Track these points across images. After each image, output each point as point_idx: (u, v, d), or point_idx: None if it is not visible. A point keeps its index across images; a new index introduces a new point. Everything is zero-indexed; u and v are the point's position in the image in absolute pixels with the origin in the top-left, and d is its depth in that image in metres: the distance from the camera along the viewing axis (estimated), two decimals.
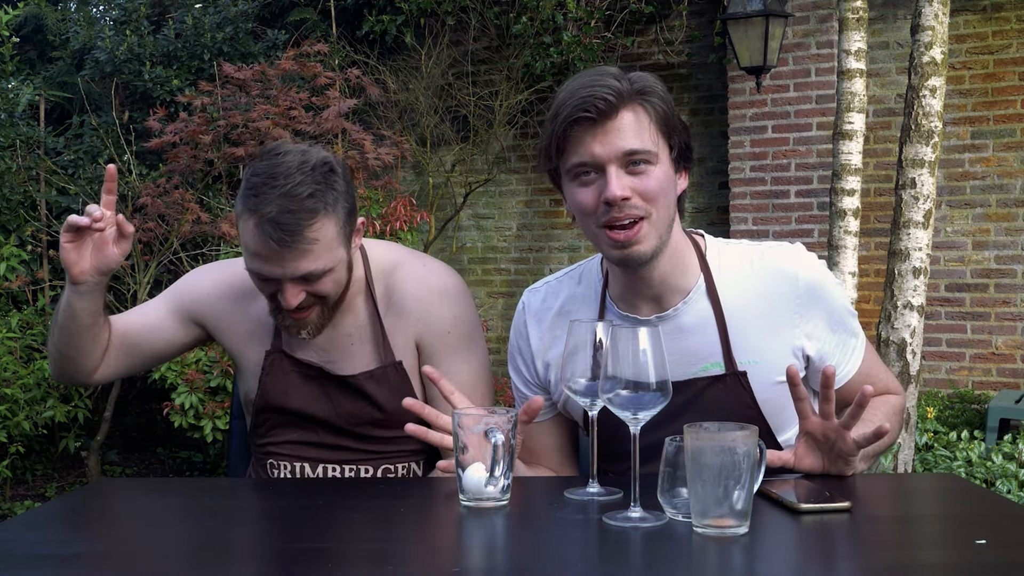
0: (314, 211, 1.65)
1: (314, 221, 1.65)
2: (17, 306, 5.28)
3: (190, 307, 1.91)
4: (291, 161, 1.67)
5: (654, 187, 1.52)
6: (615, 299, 1.67)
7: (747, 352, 1.60)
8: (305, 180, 1.65)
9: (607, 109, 1.48)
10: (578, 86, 1.52)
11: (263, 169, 1.67)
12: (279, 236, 1.63)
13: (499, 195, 6.78)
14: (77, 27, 6.34)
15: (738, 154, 5.82)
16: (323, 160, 1.70)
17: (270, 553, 1.29)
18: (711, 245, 1.68)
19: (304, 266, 1.67)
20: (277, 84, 4.89)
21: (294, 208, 1.63)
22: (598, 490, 1.45)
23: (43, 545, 1.30)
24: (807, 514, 1.34)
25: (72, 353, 1.83)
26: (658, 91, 1.54)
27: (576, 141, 1.51)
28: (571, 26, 5.81)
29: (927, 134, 3.64)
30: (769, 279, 1.62)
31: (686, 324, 1.62)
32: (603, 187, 1.50)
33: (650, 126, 1.52)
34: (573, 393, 1.43)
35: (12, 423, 4.51)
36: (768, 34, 5.23)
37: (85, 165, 5.64)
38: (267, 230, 1.63)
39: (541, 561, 1.23)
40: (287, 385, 1.86)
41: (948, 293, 5.33)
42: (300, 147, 1.73)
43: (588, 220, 1.55)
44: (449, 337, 1.85)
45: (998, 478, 3.78)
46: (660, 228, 1.54)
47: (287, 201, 1.63)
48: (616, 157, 1.50)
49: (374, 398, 1.84)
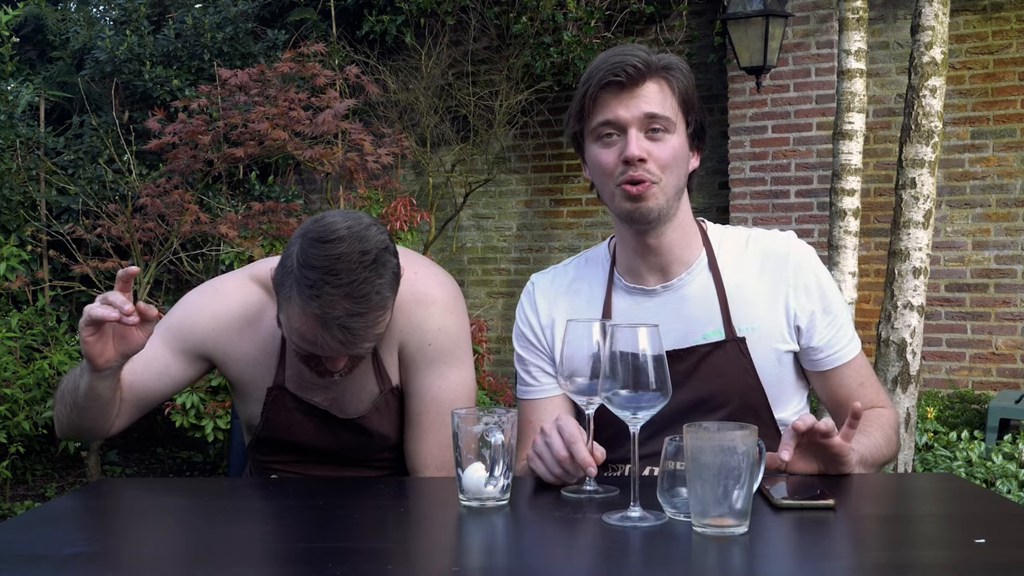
0: (383, 308, 1.57)
1: (382, 320, 1.59)
2: (17, 306, 5.28)
3: (193, 344, 1.82)
4: (350, 252, 1.54)
5: (668, 155, 1.63)
6: (622, 273, 1.76)
7: (745, 319, 1.69)
8: (370, 277, 1.54)
9: (636, 75, 1.60)
10: (610, 54, 1.63)
11: (320, 262, 1.53)
12: (348, 339, 1.56)
13: (499, 195, 6.78)
14: (77, 27, 6.35)
15: (738, 154, 5.82)
16: (381, 246, 1.58)
17: (270, 553, 1.29)
18: (712, 227, 1.80)
19: (365, 350, 1.62)
20: (276, 84, 4.89)
21: (363, 311, 1.54)
22: (595, 487, 1.47)
23: (43, 545, 1.29)
24: (785, 510, 1.35)
25: (88, 425, 1.76)
26: (683, 69, 1.66)
27: (603, 104, 1.62)
28: (571, 26, 5.81)
29: (927, 134, 3.64)
30: (764, 255, 1.73)
31: (689, 294, 1.72)
32: (623, 148, 1.61)
33: (672, 98, 1.64)
34: (571, 392, 1.46)
35: (12, 423, 4.51)
36: (768, 34, 5.23)
37: (85, 165, 5.65)
38: (335, 334, 1.55)
39: (541, 561, 1.23)
40: (291, 422, 1.82)
41: (948, 293, 5.33)
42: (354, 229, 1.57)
43: (607, 179, 1.65)
44: (429, 349, 1.77)
45: (998, 478, 3.78)
46: (668, 193, 1.64)
47: (355, 305, 1.53)
48: (638, 120, 1.61)
49: (379, 432, 1.82)
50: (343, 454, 1.86)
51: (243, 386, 1.85)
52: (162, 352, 1.80)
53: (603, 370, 1.34)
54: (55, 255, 5.32)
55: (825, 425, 1.48)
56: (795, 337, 1.71)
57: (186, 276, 5.14)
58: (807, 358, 1.73)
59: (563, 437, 1.48)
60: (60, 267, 5.48)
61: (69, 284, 5.38)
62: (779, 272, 1.71)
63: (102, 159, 5.52)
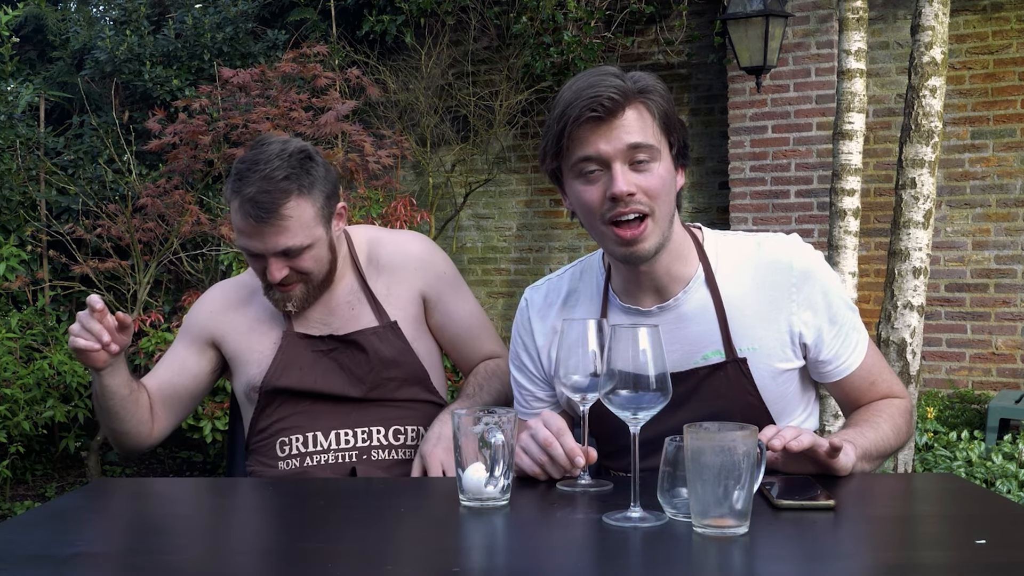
0: (288, 191, 1.83)
1: (288, 200, 1.83)
2: (17, 306, 5.28)
3: (198, 332, 2.04)
4: (272, 149, 1.86)
5: (657, 184, 1.55)
6: (617, 292, 1.70)
7: (746, 339, 1.64)
8: (282, 165, 1.83)
9: (613, 107, 1.52)
10: (583, 86, 1.54)
11: (248, 157, 1.87)
12: (256, 213, 1.81)
13: (499, 195, 6.78)
14: (77, 27, 6.35)
15: (738, 154, 5.82)
16: (300, 148, 1.89)
17: (270, 553, 1.29)
18: (708, 237, 1.71)
19: (283, 241, 1.84)
20: (277, 85, 4.89)
21: (270, 188, 1.81)
22: (588, 482, 1.49)
23: (43, 545, 1.29)
24: (785, 510, 1.35)
25: (125, 427, 1.93)
26: (659, 90, 1.58)
27: (582, 139, 1.54)
28: (571, 26, 5.81)
29: (927, 134, 3.64)
30: (765, 267, 1.66)
31: (686, 313, 1.65)
32: (608, 184, 1.54)
33: (652, 123, 1.56)
34: (567, 390, 1.46)
35: (12, 423, 4.51)
36: (768, 34, 5.23)
37: (85, 165, 5.65)
38: (247, 208, 1.82)
39: (541, 561, 1.23)
40: (302, 362, 1.97)
41: (948, 293, 5.33)
42: (283, 138, 1.93)
43: (593, 217, 1.58)
44: (447, 278, 2.08)
45: (998, 478, 3.77)
46: (663, 225, 1.58)
47: (265, 183, 1.82)
48: (621, 153, 1.53)
49: (380, 354, 1.97)
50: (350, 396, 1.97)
51: (242, 354, 2.02)
52: (178, 350, 2.05)
53: (603, 370, 1.34)
54: (55, 255, 5.32)
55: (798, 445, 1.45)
56: (800, 353, 1.66)
57: (186, 276, 5.14)
58: (815, 371, 1.69)
59: (550, 430, 1.49)
60: (60, 267, 5.48)
61: (69, 284, 5.37)
62: (783, 287, 1.64)
63: (102, 159, 5.52)
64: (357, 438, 1.96)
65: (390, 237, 2.12)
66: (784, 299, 1.64)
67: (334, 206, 1.93)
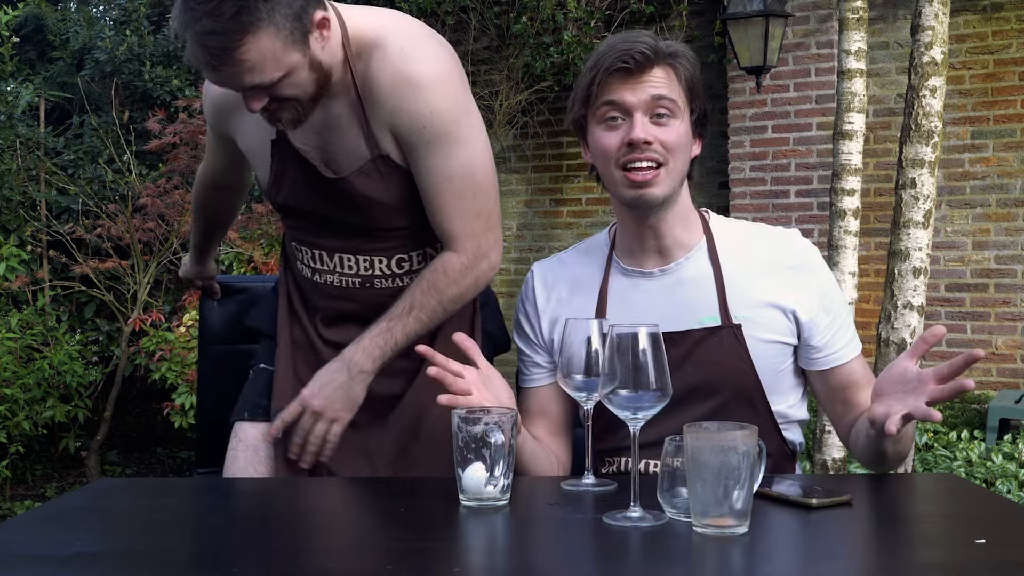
0: (240, 29, 1.54)
1: (243, 40, 1.55)
2: (17, 306, 5.28)
3: (215, 124, 1.98)
4: None
5: (674, 138, 1.64)
6: (621, 256, 1.77)
7: (742, 307, 1.69)
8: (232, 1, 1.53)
9: (643, 61, 1.62)
10: (617, 40, 1.65)
11: None
12: (208, 59, 1.57)
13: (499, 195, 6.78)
14: (77, 27, 6.35)
15: (738, 154, 5.83)
16: None
17: (270, 553, 1.29)
18: (714, 218, 1.80)
19: (248, 80, 1.60)
20: None
21: (219, 29, 1.53)
22: (593, 481, 1.49)
23: (43, 545, 1.29)
24: (818, 509, 1.35)
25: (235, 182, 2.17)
26: (689, 56, 1.68)
27: (610, 88, 1.64)
28: (571, 26, 5.81)
29: (927, 134, 3.64)
30: (765, 248, 1.73)
31: (686, 277, 1.72)
32: (628, 131, 1.63)
33: (678, 84, 1.66)
34: (570, 389, 1.47)
35: (12, 423, 4.51)
36: (768, 34, 5.23)
37: (85, 165, 5.65)
38: (197, 52, 1.57)
39: (541, 561, 1.23)
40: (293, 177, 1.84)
41: (948, 293, 5.33)
42: None
43: (608, 162, 1.66)
44: (424, 133, 1.72)
45: (998, 478, 3.77)
46: (674, 178, 1.66)
47: (212, 21, 1.53)
48: (644, 104, 1.63)
49: (364, 194, 1.79)
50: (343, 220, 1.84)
51: (252, 149, 1.92)
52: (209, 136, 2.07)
53: (603, 370, 1.35)
54: (55, 255, 5.32)
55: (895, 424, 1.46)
56: (795, 332, 1.70)
57: None
58: (804, 356, 1.73)
59: None
60: (60, 267, 5.48)
61: (69, 284, 5.37)
62: (782, 267, 1.70)
63: (102, 159, 5.52)
64: (359, 265, 1.87)
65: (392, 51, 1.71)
66: (782, 279, 1.70)
67: (307, 22, 1.61)
